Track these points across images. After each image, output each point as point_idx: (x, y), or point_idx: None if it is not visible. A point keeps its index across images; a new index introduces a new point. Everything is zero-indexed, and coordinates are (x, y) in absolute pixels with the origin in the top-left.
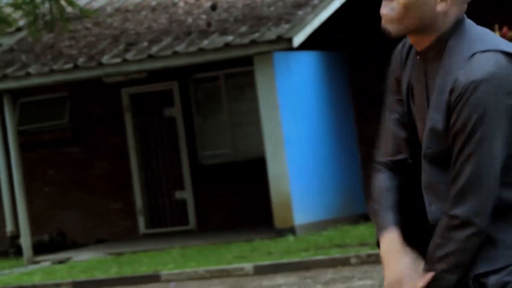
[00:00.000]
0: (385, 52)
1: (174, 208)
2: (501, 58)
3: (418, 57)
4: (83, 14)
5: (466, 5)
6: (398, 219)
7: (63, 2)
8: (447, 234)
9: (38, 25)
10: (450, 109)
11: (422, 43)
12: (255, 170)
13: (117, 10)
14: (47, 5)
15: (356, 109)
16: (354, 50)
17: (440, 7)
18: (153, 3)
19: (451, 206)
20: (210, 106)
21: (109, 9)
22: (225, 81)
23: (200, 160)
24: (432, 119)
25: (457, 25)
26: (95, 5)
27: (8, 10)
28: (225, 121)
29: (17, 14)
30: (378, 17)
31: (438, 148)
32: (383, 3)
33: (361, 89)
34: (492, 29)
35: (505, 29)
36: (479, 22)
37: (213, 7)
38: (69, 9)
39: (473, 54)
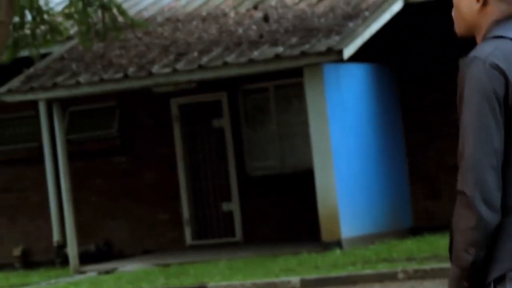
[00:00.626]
0: (434, 65)
1: (221, 219)
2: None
3: None
4: (134, 24)
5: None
6: None
7: (115, 12)
8: (458, 210)
9: (90, 34)
10: None
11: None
12: (303, 182)
13: (168, 19)
14: (99, 13)
15: (405, 122)
16: (404, 62)
17: (476, 6)
18: (204, 13)
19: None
20: (259, 117)
21: (159, 19)
22: (274, 92)
23: (248, 172)
24: None
25: (493, 26)
26: (146, 14)
27: (59, 19)
28: (273, 132)
29: (68, 23)
30: (427, 29)
31: None
32: None
33: (410, 102)
34: None
35: None
36: None
37: (266, 19)
38: (120, 18)
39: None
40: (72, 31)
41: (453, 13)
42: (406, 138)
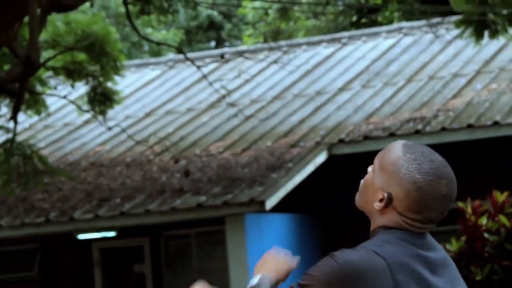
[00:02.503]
0: (357, 217)
1: None
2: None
3: None
4: (56, 174)
5: (411, 227)
6: None
7: (36, 161)
8: None
9: (11, 183)
10: None
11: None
12: None
13: (92, 164)
14: (20, 162)
15: None
16: (328, 212)
17: (376, 205)
18: (128, 159)
19: None
20: (180, 263)
21: (83, 163)
22: (196, 239)
23: None
24: None
25: (377, 232)
26: (70, 158)
27: None
28: (194, 279)
29: None
30: (351, 180)
31: None
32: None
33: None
34: (465, 201)
35: (477, 202)
36: None
37: (186, 174)
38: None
39: None
40: None
41: (360, 187)
42: None
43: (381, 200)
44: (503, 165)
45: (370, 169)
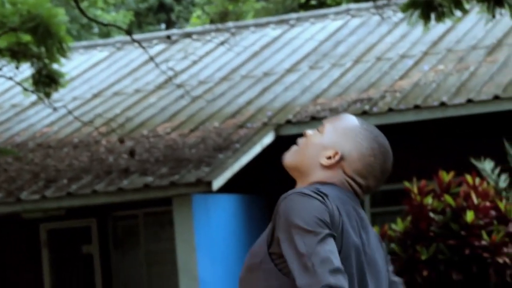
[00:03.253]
0: None
1: None
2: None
3: None
4: (3, 152)
5: (346, 186)
6: None
7: None
8: None
9: None
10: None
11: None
12: None
13: (39, 145)
14: None
15: None
16: (274, 194)
17: (323, 160)
18: (75, 140)
19: None
20: (128, 244)
21: (31, 144)
22: (144, 219)
23: None
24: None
25: (317, 183)
26: (18, 139)
27: None
28: (142, 259)
29: None
30: None
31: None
32: (299, 139)
33: None
34: (411, 181)
35: (423, 182)
36: (399, 174)
37: (132, 154)
38: None
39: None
40: None
41: (294, 146)
42: None
43: (329, 158)
44: (449, 146)
45: (310, 132)
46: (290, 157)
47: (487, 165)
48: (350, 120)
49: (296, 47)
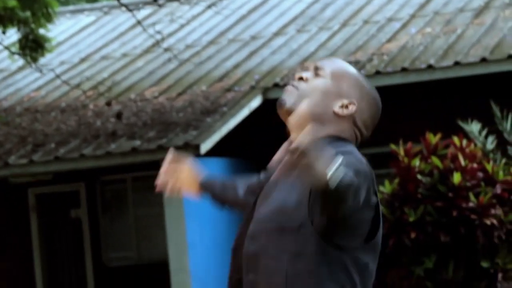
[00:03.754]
0: None
1: None
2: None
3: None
4: None
5: (353, 137)
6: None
7: None
8: None
9: None
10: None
11: (297, 135)
12: (159, 274)
13: (27, 110)
14: None
15: None
16: (262, 158)
17: (337, 109)
18: (63, 104)
19: None
20: (116, 208)
21: (18, 109)
22: (132, 183)
23: (105, 262)
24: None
25: (337, 139)
26: (5, 104)
27: None
28: (131, 223)
29: None
30: (284, 126)
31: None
32: (291, 81)
33: None
34: (397, 144)
35: (409, 144)
36: (386, 137)
37: (119, 116)
38: None
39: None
40: None
41: (293, 90)
42: None
43: (342, 107)
44: (436, 108)
45: (307, 74)
46: (292, 101)
47: (474, 127)
48: (351, 67)
49: (284, 10)
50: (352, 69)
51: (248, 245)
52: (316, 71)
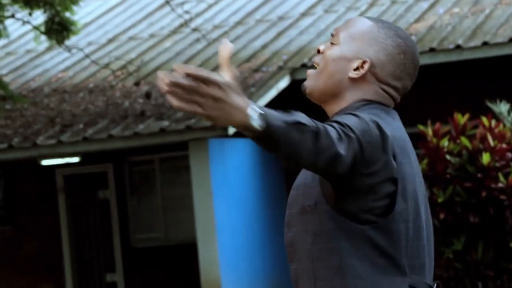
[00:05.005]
0: None
1: None
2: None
3: None
4: (15, 99)
5: (387, 99)
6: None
7: None
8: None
9: None
10: None
11: (331, 113)
12: (187, 255)
13: (55, 90)
14: None
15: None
16: None
17: (353, 73)
18: (91, 85)
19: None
20: (144, 189)
21: (46, 90)
22: (160, 164)
23: (132, 243)
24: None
25: (362, 104)
26: (33, 84)
27: None
28: (158, 204)
29: None
30: (312, 107)
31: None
32: (314, 58)
33: (294, 177)
34: (425, 125)
35: (437, 125)
36: (414, 118)
37: (148, 96)
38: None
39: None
40: None
41: (311, 72)
42: None
43: (357, 69)
44: (464, 88)
45: (322, 46)
46: (311, 83)
47: (503, 108)
48: (364, 22)
49: None
50: (364, 24)
51: (286, 233)
52: (332, 39)
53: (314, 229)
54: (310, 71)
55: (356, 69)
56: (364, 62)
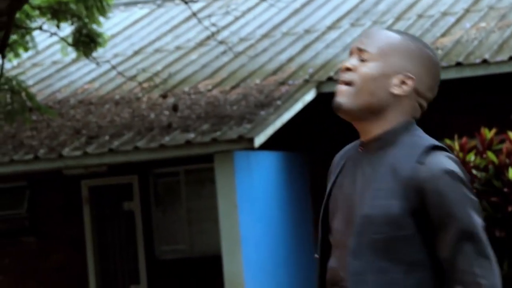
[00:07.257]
0: None
1: None
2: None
3: (361, 147)
4: (42, 111)
5: (419, 112)
6: None
7: (24, 96)
8: None
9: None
10: (409, 197)
11: (369, 131)
12: (211, 267)
13: (80, 102)
14: (8, 97)
15: (314, 210)
16: (316, 151)
17: (395, 90)
18: (117, 97)
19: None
20: (169, 201)
21: (72, 101)
22: (185, 176)
23: (157, 255)
24: (378, 205)
25: (409, 124)
26: (59, 96)
27: None
28: (183, 216)
29: None
30: (337, 120)
31: (392, 233)
32: (341, 75)
33: (320, 190)
34: (452, 138)
35: (464, 139)
36: (440, 132)
37: (175, 108)
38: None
39: (430, 149)
40: None
41: (343, 89)
42: (315, 226)
43: (398, 84)
44: (491, 103)
45: (353, 63)
46: (347, 100)
47: None
48: (392, 36)
49: (337, 4)
50: (394, 37)
51: (351, 261)
52: (361, 55)
53: (404, 259)
54: (342, 88)
55: (398, 84)
56: (407, 78)
